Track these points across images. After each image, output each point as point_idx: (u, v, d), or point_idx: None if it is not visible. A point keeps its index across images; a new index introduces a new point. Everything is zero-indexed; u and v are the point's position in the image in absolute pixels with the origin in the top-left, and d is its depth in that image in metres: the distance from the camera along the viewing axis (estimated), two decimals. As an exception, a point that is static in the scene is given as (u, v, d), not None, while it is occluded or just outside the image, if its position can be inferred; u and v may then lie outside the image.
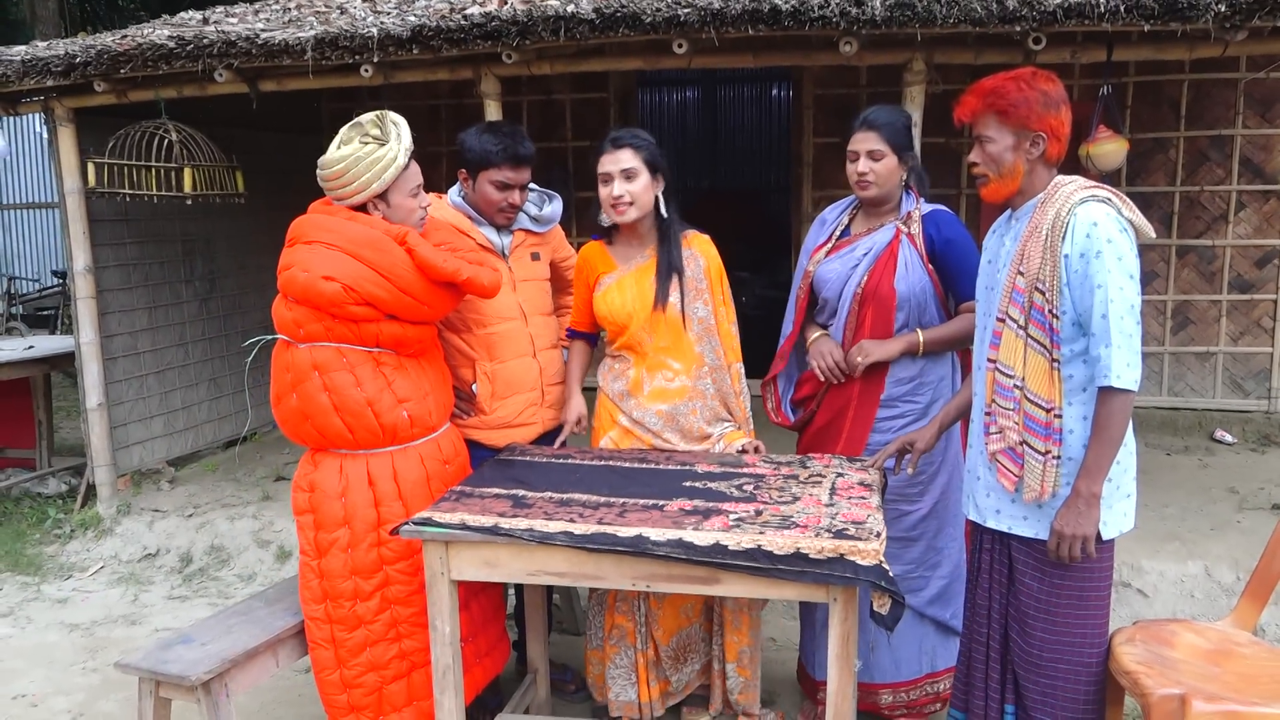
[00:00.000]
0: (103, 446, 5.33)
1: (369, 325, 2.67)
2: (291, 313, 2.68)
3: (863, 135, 2.93)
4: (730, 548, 2.28)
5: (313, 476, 2.78)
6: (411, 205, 2.78)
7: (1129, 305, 2.22)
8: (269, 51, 4.32)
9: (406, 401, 2.75)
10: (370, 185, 2.68)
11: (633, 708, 3.18)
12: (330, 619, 2.76)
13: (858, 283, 2.99)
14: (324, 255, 2.63)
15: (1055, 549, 2.32)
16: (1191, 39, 3.88)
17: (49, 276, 10.66)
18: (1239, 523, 4.48)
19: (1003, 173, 2.40)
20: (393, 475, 2.76)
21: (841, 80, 6.36)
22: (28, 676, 3.86)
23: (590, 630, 3.24)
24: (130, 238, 5.64)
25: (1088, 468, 2.28)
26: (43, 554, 5.08)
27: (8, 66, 4.72)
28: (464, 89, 6.06)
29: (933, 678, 3.16)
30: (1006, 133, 2.37)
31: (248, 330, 6.53)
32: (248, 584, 4.68)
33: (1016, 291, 2.36)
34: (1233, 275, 6.10)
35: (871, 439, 3.02)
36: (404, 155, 2.70)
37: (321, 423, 2.70)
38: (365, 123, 2.72)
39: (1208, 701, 2.22)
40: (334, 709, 2.82)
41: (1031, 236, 2.34)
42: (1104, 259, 2.22)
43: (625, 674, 3.17)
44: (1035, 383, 2.33)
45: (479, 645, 2.97)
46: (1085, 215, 2.26)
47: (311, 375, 2.67)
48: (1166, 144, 6.06)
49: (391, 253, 2.66)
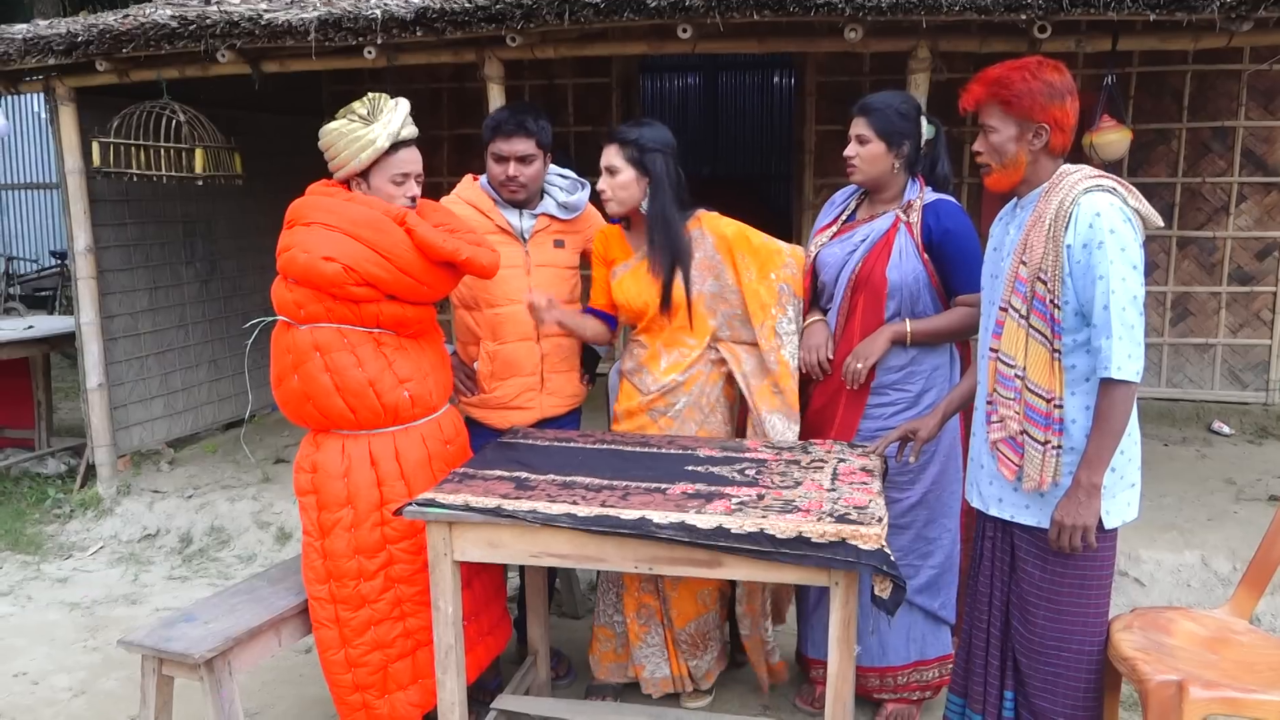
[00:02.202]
0: (103, 427, 5.34)
1: (369, 306, 2.68)
2: (292, 294, 2.68)
3: (856, 119, 2.96)
4: (733, 531, 2.29)
5: (315, 457, 2.79)
6: (390, 192, 2.76)
7: (1131, 296, 2.22)
8: (272, 32, 4.31)
9: (407, 381, 2.76)
10: (349, 163, 2.71)
11: (667, 683, 3.22)
12: (334, 599, 2.77)
13: (852, 269, 3.00)
14: (324, 236, 2.64)
15: (1055, 538, 2.33)
16: (1196, 29, 3.88)
17: (47, 257, 10.64)
18: (1236, 513, 4.50)
19: (1005, 163, 2.39)
20: (395, 455, 2.77)
21: (844, 67, 6.35)
22: (29, 655, 3.87)
23: (600, 607, 3.26)
24: (131, 218, 5.63)
25: (1089, 458, 2.28)
26: (43, 533, 5.09)
27: (9, 45, 4.70)
28: (466, 73, 6.06)
29: (921, 665, 3.17)
30: (1010, 123, 2.35)
31: (248, 312, 6.51)
32: (247, 565, 4.69)
33: (1019, 281, 2.36)
34: (1233, 267, 6.11)
35: (862, 425, 3.03)
36: (385, 139, 2.69)
37: (324, 403, 2.70)
38: (360, 101, 2.75)
39: (1205, 688, 2.24)
40: (339, 688, 2.83)
41: (1035, 226, 2.33)
42: (1106, 249, 2.21)
43: (658, 651, 3.20)
44: (1036, 373, 2.33)
45: (481, 624, 2.99)
46: (1089, 205, 2.25)
47: (313, 356, 2.68)
48: (1169, 135, 6.06)
49: (391, 233, 2.67)
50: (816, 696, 3.27)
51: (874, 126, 2.92)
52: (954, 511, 3.09)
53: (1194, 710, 2.22)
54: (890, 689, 3.17)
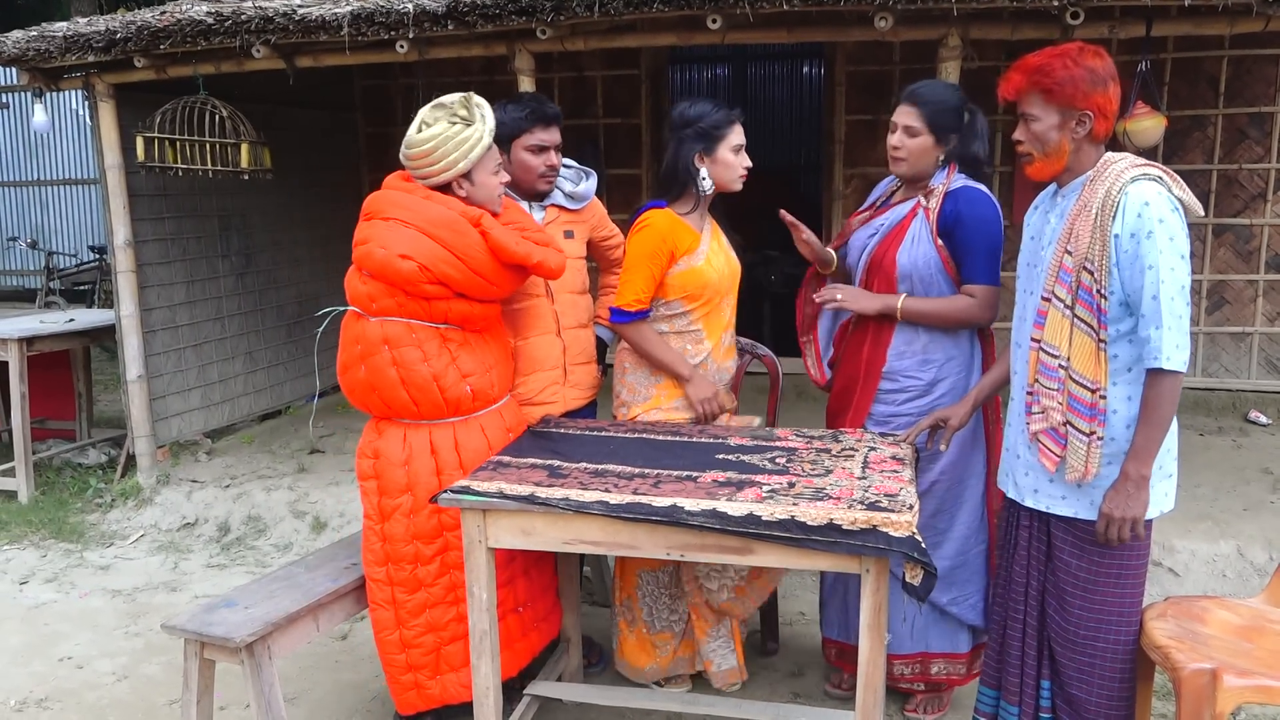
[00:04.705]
0: (142, 418, 5.43)
1: (440, 303, 2.74)
2: (366, 286, 2.74)
3: (905, 108, 2.90)
4: (764, 518, 2.30)
5: (377, 444, 2.87)
6: (494, 183, 2.83)
7: (1180, 286, 2.19)
8: (306, 27, 4.36)
9: (470, 376, 2.82)
10: (457, 164, 2.73)
11: (734, 673, 3.25)
12: (391, 581, 2.86)
13: (869, 253, 3.03)
14: (401, 233, 2.69)
15: (1104, 531, 2.31)
16: (1232, 14, 3.83)
17: (86, 252, 10.79)
18: (1272, 503, 4.46)
19: (1048, 152, 2.36)
20: (454, 445, 2.83)
21: (875, 57, 6.32)
22: (73, 640, 3.96)
23: (651, 614, 3.25)
24: (169, 212, 5.72)
25: (1136, 450, 2.26)
26: (84, 522, 5.20)
27: (50, 42, 4.79)
28: (495, 67, 6.09)
29: (925, 658, 3.14)
30: (1052, 111, 2.32)
31: (282, 305, 6.60)
32: (284, 553, 4.76)
33: (1064, 271, 2.33)
34: (1270, 255, 6.02)
35: (874, 409, 3.04)
36: (488, 135, 2.75)
37: (388, 395, 2.77)
38: (451, 104, 2.76)
39: (1239, 676, 2.23)
40: (392, 667, 2.93)
41: (1080, 215, 2.30)
42: (1155, 239, 2.19)
43: (725, 644, 3.24)
44: (1081, 363, 2.31)
45: (538, 610, 3.07)
46: (1137, 194, 2.22)
47: (381, 349, 2.74)
48: (1204, 121, 5.98)
49: (467, 235, 2.71)
50: (845, 679, 3.29)
51: (925, 118, 2.87)
52: (970, 504, 3.05)
53: (1227, 698, 2.21)
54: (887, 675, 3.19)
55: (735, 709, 2.93)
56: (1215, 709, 2.22)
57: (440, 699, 2.94)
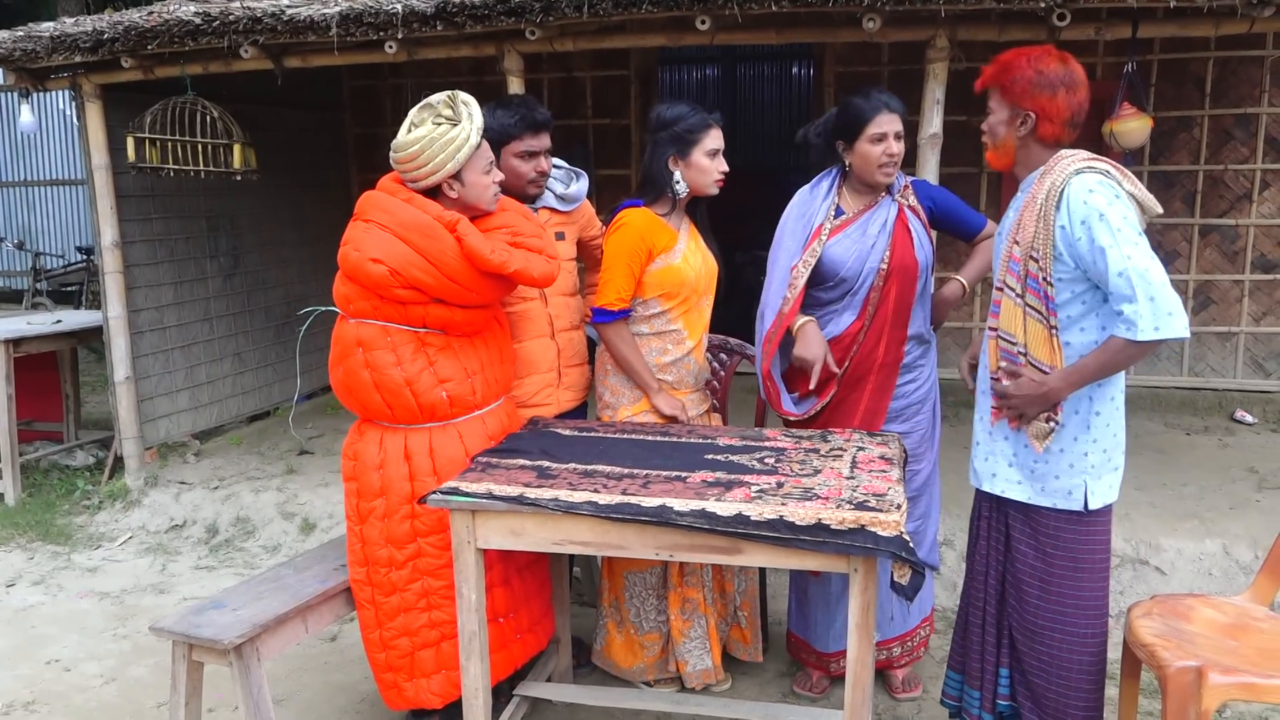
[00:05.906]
0: (130, 419, 5.41)
1: (415, 308, 2.71)
2: (344, 288, 2.74)
3: (892, 117, 2.95)
4: (752, 518, 2.31)
5: (356, 446, 2.87)
6: (485, 182, 2.78)
7: (1148, 257, 2.21)
8: (294, 28, 4.35)
9: (448, 382, 2.77)
10: (444, 166, 2.68)
11: (708, 674, 3.26)
12: (370, 582, 2.86)
13: (880, 258, 3.01)
14: (375, 236, 2.67)
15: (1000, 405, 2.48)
16: (1218, 15, 3.85)
17: (73, 253, 10.73)
18: (1258, 502, 4.48)
19: (997, 144, 2.49)
20: (429, 451, 2.80)
21: (863, 58, 6.33)
22: (60, 643, 3.94)
23: (639, 616, 3.27)
24: (156, 213, 5.69)
25: (1066, 373, 2.34)
26: (72, 524, 5.17)
27: (37, 43, 4.77)
28: (484, 67, 6.07)
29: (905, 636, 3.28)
30: (1004, 106, 2.44)
31: (270, 306, 6.58)
32: (272, 555, 4.75)
33: (1013, 260, 2.42)
34: (1255, 255, 6.06)
35: (891, 406, 3.10)
36: (476, 134, 2.70)
37: (363, 397, 2.77)
38: (436, 104, 2.71)
39: (1224, 674, 2.24)
40: (375, 665, 2.95)
41: (1028, 207, 2.39)
42: (1108, 220, 2.23)
43: (700, 644, 3.24)
44: (1036, 349, 2.40)
45: (520, 621, 3.00)
46: (1079, 184, 2.29)
47: (355, 351, 2.73)
48: (1190, 122, 6.01)
49: (440, 240, 2.66)
50: (814, 682, 3.31)
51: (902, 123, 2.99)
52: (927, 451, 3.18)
53: (1213, 695, 2.23)
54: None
55: (724, 708, 2.94)
56: (1201, 706, 2.24)
57: (415, 702, 2.91)
